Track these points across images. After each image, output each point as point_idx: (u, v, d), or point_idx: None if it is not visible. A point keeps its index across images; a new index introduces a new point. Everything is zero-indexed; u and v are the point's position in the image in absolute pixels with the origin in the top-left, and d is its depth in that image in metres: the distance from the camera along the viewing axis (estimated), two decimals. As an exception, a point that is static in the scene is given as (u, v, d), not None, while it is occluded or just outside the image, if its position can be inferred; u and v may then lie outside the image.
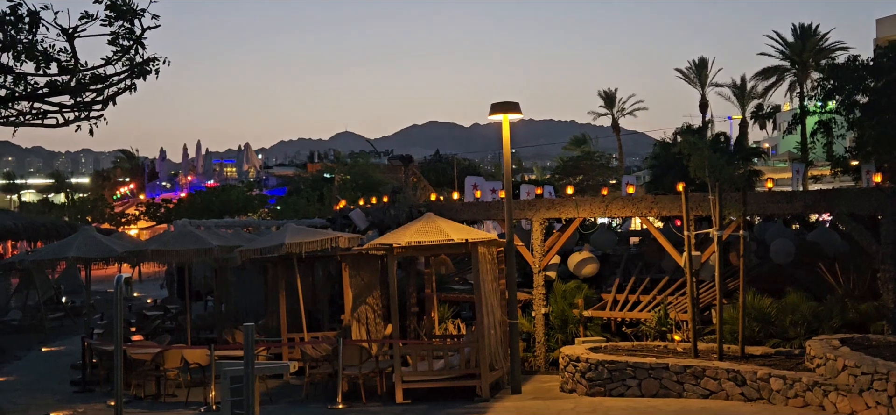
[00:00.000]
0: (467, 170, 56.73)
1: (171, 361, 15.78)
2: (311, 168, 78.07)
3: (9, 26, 6.92)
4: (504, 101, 15.18)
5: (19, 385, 17.88)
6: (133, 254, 19.40)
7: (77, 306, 29.37)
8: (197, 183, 78.60)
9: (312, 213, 39.03)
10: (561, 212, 17.40)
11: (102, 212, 67.73)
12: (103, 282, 35.47)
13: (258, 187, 68.82)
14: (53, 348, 23.13)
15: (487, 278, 15.29)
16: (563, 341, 16.86)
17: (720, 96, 69.36)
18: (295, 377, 16.21)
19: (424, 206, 20.46)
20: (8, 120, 7.76)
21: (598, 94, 75.15)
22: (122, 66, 7.59)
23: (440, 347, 16.39)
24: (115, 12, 7.22)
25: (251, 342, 8.45)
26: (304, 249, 16.38)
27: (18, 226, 26.12)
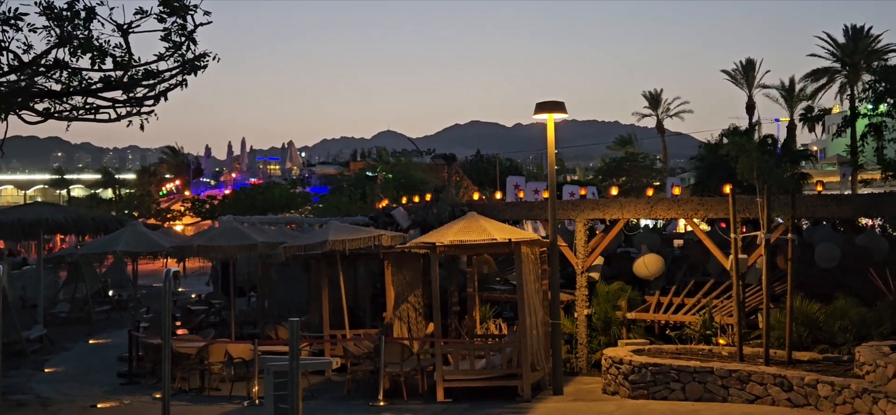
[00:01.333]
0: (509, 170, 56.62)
1: (216, 355, 15.95)
2: (353, 167, 78.52)
3: (65, 22, 7.05)
4: (549, 101, 15.11)
5: (67, 376, 18.19)
6: (179, 249, 19.66)
7: (124, 300, 29.82)
8: (241, 180, 79.48)
9: (355, 211, 39.21)
10: (605, 213, 17.28)
11: (149, 207, 68.81)
12: (149, 276, 35.99)
13: (301, 185, 69.39)
14: (101, 340, 23.50)
15: (530, 278, 15.23)
16: (606, 342, 16.73)
17: (767, 98, 68.16)
18: (337, 374, 16.29)
19: (467, 205, 20.45)
20: (62, 114, 7.90)
21: (643, 95, 74.61)
22: (173, 62, 7.69)
23: (482, 346, 16.36)
24: (168, 8, 7.31)
25: (296, 337, 8.51)
26: (347, 246, 16.46)
27: (67, 220, 26.51)
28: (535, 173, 65.89)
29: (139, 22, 7.38)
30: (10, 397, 15.24)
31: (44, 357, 20.44)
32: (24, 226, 24.57)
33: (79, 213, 29.59)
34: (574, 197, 20.97)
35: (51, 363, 19.73)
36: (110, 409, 14.67)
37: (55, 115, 7.84)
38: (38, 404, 15.12)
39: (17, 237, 30.83)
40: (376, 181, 46.43)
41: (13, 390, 16.13)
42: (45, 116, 7.86)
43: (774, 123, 72.26)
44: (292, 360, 8.52)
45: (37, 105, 7.78)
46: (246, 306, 25.69)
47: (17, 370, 18.38)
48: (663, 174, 55.48)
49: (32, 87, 7.58)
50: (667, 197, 18.65)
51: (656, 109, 73.88)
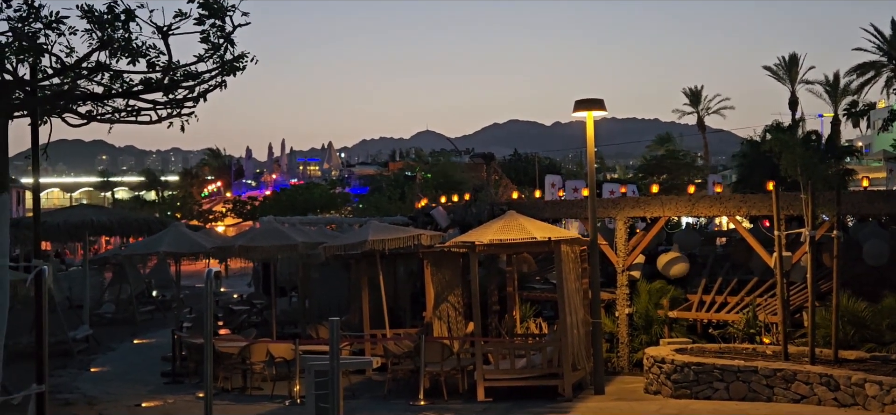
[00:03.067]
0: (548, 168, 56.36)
1: (257, 354, 16.07)
2: (392, 167, 78.74)
3: (106, 24, 7.14)
4: (588, 99, 15.00)
5: (112, 375, 18.46)
6: (220, 250, 19.86)
7: (167, 300, 30.22)
8: (281, 181, 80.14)
9: (394, 211, 39.33)
10: (646, 211, 17.12)
11: (191, 209, 69.69)
12: (192, 277, 36.42)
13: (341, 185, 69.78)
14: (144, 340, 23.82)
15: (570, 277, 15.14)
16: (648, 341, 16.57)
17: (811, 93, 66.98)
18: (377, 373, 16.34)
19: (506, 204, 20.40)
20: (104, 116, 8.01)
21: (683, 92, 73.91)
22: (212, 64, 7.76)
23: (522, 345, 16.31)
24: (207, 10, 7.38)
25: (336, 337, 8.53)
26: (386, 245, 16.49)
27: (112, 222, 26.99)
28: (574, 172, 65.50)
29: (178, 24, 7.46)
30: (58, 396, 15.49)
31: (90, 357, 20.77)
32: (70, 228, 25.03)
33: (123, 215, 30.09)
34: (614, 195, 20.78)
35: (96, 363, 20.03)
36: (154, 408, 14.85)
37: (97, 117, 7.96)
38: (84, 402, 15.36)
39: (63, 239, 31.41)
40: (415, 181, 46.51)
41: (60, 389, 16.41)
42: (87, 119, 7.98)
43: (818, 118, 71.15)
44: (333, 359, 8.55)
45: (79, 107, 7.91)
46: (287, 306, 25.90)
47: (64, 370, 18.69)
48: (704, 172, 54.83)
49: (75, 89, 7.69)
50: (708, 194, 18.41)
51: (697, 105, 73.14)
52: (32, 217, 9.44)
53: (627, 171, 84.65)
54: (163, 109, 7.91)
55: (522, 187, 40.95)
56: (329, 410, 8.98)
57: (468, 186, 39.21)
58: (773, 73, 68.01)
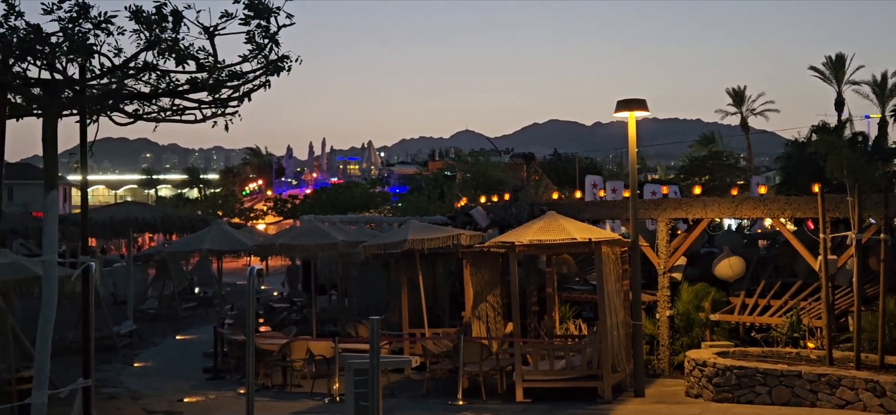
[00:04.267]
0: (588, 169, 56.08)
1: (297, 352, 16.20)
2: (431, 166, 78.86)
3: (154, 25, 7.25)
4: (630, 99, 14.91)
5: (155, 370, 18.72)
6: (262, 247, 20.04)
7: (208, 297, 30.59)
8: (321, 180, 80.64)
9: (433, 210, 39.38)
10: (688, 212, 16.96)
11: (232, 207, 70.40)
12: (233, 274, 36.80)
13: (380, 185, 70.04)
14: (187, 336, 24.12)
15: (610, 278, 15.05)
16: (689, 344, 16.42)
17: (858, 94, 65.64)
18: (416, 372, 16.37)
19: (546, 204, 20.33)
20: (150, 116, 8.13)
21: (727, 92, 72.96)
22: (256, 64, 7.84)
23: (561, 346, 16.24)
24: (252, 11, 7.46)
25: (377, 335, 8.56)
26: (426, 245, 16.53)
27: (156, 219, 27.36)
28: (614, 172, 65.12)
29: (224, 24, 7.55)
30: (102, 390, 15.75)
31: (133, 352, 21.09)
32: (115, 224, 25.43)
33: (166, 212, 30.50)
34: (655, 196, 20.62)
35: (140, 358, 20.33)
36: (196, 403, 15.03)
37: (144, 116, 8.08)
38: (128, 397, 15.60)
39: (108, 235, 31.89)
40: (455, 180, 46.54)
41: (105, 383, 16.68)
42: (134, 118, 8.10)
43: (865, 120, 69.88)
44: (373, 358, 8.58)
45: (126, 107, 8.04)
46: (326, 304, 26.07)
47: (109, 364, 18.99)
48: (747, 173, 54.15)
49: (122, 89, 7.82)
50: (752, 196, 18.20)
51: (740, 106, 72.19)
52: (80, 214, 9.60)
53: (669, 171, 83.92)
54: (207, 108, 8.01)
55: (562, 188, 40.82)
56: (369, 408, 9.01)
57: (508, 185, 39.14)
58: (819, 74, 66.88)
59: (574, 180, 44.32)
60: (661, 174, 79.09)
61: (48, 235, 8.01)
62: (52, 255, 8.03)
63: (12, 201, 57.29)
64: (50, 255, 8.05)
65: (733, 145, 68.08)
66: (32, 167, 67.92)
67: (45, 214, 8.02)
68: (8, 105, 7.89)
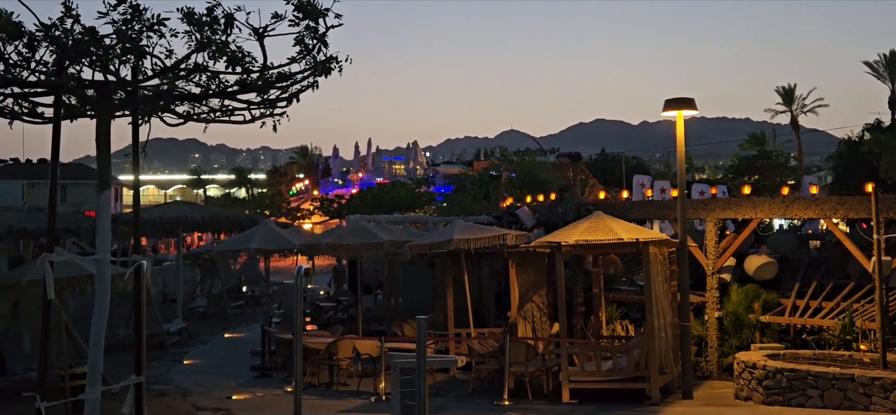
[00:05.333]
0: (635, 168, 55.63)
1: (344, 351, 16.29)
2: (477, 166, 78.76)
3: (205, 27, 7.35)
4: (678, 98, 14.74)
5: (204, 368, 18.96)
6: (309, 247, 20.19)
7: (256, 295, 30.89)
8: (367, 179, 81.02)
9: (479, 210, 39.36)
10: (737, 212, 16.73)
11: (279, 206, 71.02)
12: (280, 273, 37.15)
13: (426, 184, 70.18)
14: (235, 334, 24.38)
15: (658, 279, 14.90)
16: (738, 346, 16.19)
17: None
18: (461, 372, 16.36)
19: (592, 204, 20.20)
20: (200, 116, 8.25)
21: (776, 91, 71.84)
22: (305, 64, 7.90)
23: (608, 347, 16.12)
24: (301, 12, 7.52)
25: (423, 335, 8.58)
26: (471, 245, 16.52)
27: (205, 219, 27.69)
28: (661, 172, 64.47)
29: (274, 26, 7.63)
30: (152, 387, 15.98)
31: (183, 349, 21.38)
32: (165, 223, 25.80)
33: (215, 212, 30.85)
34: (703, 196, 20.38)
35: (189, 355, 20.60)
36: (244, 401, 15.18)
37: (194, 117, 8.20)
38: (177, 394, 15.81)
39: (158, 234, 32.38)
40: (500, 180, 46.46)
41: (155, 380, 16.92)
42: (185, 119, 8.23)
43: (920, 118, 68.27)
44: (419, 357, 8.61)
45: (177, 107, 8.16)
46: (372, 304, 26.19)
47: (159, 361, 19.27)
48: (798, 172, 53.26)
49: (174, 90, 7.94)
50: (803, 196, 17.88)
51: (790, 104, 71.00)
52: (131, 213, 9.79)
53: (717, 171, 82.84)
54: (256, 109, 8.11)
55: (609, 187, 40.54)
56: (415, 407, 9.03)
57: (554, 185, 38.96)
58: (873, 71, 65.46)
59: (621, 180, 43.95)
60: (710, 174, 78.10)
61: (101, 235, 8.16)
62: (106, 254, 8.17)
63: (65, 201, 58.54)
64: (103, 254, 8.19)
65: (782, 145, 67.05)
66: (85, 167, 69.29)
67: (98, 214, 8.16)
68: (63, 106, 8.05)
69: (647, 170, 61.72)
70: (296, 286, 9.28)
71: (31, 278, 13.40)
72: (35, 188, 61.53)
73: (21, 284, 14.00)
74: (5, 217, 23.00)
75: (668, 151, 73.93)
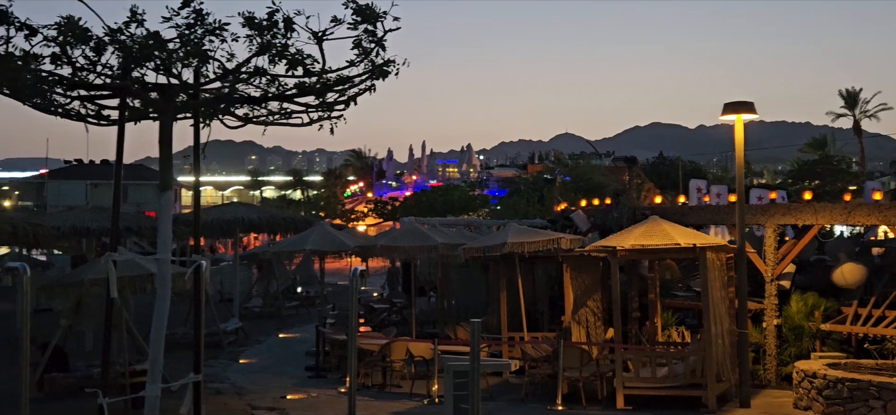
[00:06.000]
0: (692, 172, 54.91)
1: (397, 352, 16.35)
2: (531, 169, 78.53)
3: (265, 31, 7.46)
4: (738, 101, 14.52)
5: (259, 367, 19.18)
6: (363, 248, 20.32)
7: (311, 296, 31.18)
8: (421, 182, 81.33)
9: (533, 214, 39.22)
10: (797, 218, 16.41)
11: (334, 208, 71.65)
12: (334, 274, 37.44)
13: (479, 187, 70.18)
14: (290, 334, 24.62)
15: (716, 285, 14.69)
16: (797, 355, 15.88)
17: (983, 95, 62.61)
18: (515, 376, 16.32)
19: (648, 208, 19.99)
20: (259, 119, 8.37)
21: (839, 94, 70.33)
22: (363, 68, 7.97)
23: (664, 354, 15.93)
24: (360, 16, 7.59)
25: (477, 338, 8.58)
26: (526, 248, 16.46)
27: (261, 220, 28.04)
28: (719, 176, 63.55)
29: (332, 29, 7.72)
30: (209, 386, 16.22)
31: (239, 349, 21.66)
32: (223, 224, 26.18)
33: (271, 213, 31.22)
34: (761, 201, 20.02)
35: (245, 355, 20.86)
36: (299, 401, 15.32)
37: (253, 119, 8.33)
38: (233, 392, 16.03)
39: (216, 235, 32.88)
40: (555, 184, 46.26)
41: (211, 378, 17.17)
42: (244, 121, 8.36)
43: None
44: (473, 360, 8.60)
45: (237, 110, 8.29)
46: (426, 306, 26.25)
47: (215, 360, 19.54)
48: (861, 178, 52.10)
49: (234, 93, 8.07)
50: (866, 202, 17.46)
51: (853, 108, 69.43)
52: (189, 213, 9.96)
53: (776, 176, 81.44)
54: (314, 112, 8.20)
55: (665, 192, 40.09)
56: (469, 411, 9.03)
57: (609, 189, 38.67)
58: (938, 74, 63.71)
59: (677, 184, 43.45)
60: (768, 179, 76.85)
61: (162, 235, 8.31)
62: (166, 254, 8.32)
63: (126, 201, 59.84)
64: (164, 253, 8.34)
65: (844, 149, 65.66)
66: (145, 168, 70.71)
67: (159, 215, 8.32)
68: (127, 109, 8.23)
69: (704, 174, 60.89)
70: (351, 288, 9.34)
71: (94, 277, 13.68)
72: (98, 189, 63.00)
73: (84, 283, 14.29)
74: (69, 217, 23.57)
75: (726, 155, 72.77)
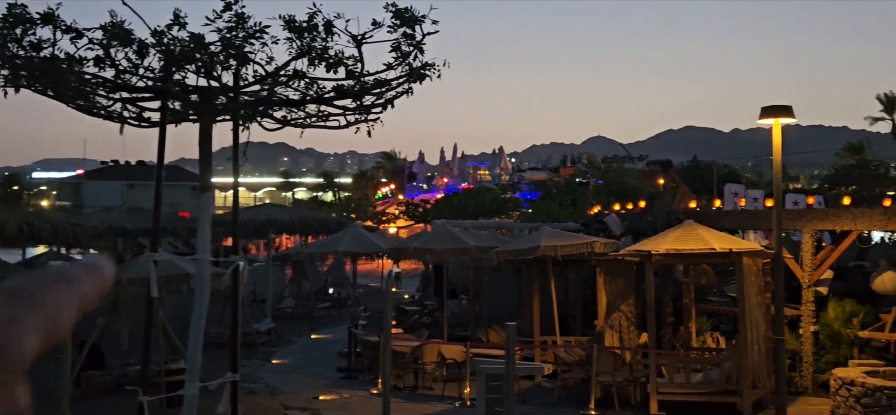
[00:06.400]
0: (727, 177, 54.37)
1: (429, 355, 16.37)
2: (563, 172, 78.31)
3: (305, 34, 7.51)
4: (775, 105, 14.38)
5: (292, 368, 19.29)
6: (396, 250, 20.37)
7: (342, 298, 31.28)
8: (452, 184, 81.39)
9: (565, 217, 39.09)
10: (835, 223, 16.20)
11: (365, 210, 71.88)
12: (365, 276, 37.51)
13: (511, 190, 70.11)
14: (322, 335, 24.72)
15: (752, 291, 14.54)
16: (834, 362, 15.67)
17: None
18: (547, 380, 16.27)
19: (683, 213, 19.84)
20: (297, 122, 8.42)
21: (876, 99, 69.36)
22: (401, 71, 8.00)
23: (698, 359, 15.80)
24: (399, 19, 7.62)
25: (512, 342, 8.57)
26: (559, 252, 16.42)
27: (294, 221, 28.18)
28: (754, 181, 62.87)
29: (372, 33, 7.75)
30: (243, 385, 16.29)
31: (271, 349, 21.79)
32: (256, 225, 26.37)
33: (304, 214, 31.40)
34: (798, 206, 19.81)
35: (277, 355, 20.98)
36: (331, 401, 15.40)
37: (291, 122, 8.38)
38: (266, 392, 16.14)
39: (249, 236, 33.13)
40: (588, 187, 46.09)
41: (245, 378, 17.25)
42: (282, 124, 8.42)
43: None
44: (508, 364, 8.59)
45: (276, 113, 8.35)
46: (457, 308, 26.24)
47: (249, 360, 19.67)
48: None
49: (273, 96, 8.12)
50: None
51: (891, 112, 68.47)
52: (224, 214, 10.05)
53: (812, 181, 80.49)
54: (351, 114, 8.24)
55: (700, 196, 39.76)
56: (502, 414, 9.02)
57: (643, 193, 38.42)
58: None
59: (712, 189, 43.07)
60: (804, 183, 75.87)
61: (202, 236, 8.39)
62: (206, 254, 8.39)
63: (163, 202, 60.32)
64: (203, 254, 8.42)
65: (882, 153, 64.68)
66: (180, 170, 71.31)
67: (199, 216, 8.39)
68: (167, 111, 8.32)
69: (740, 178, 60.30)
70: (385, 289, 9.37)
71: (131, 276, 13.83)
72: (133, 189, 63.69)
73: (121, 282, 14.45)
74: (106, 217, 23.89)
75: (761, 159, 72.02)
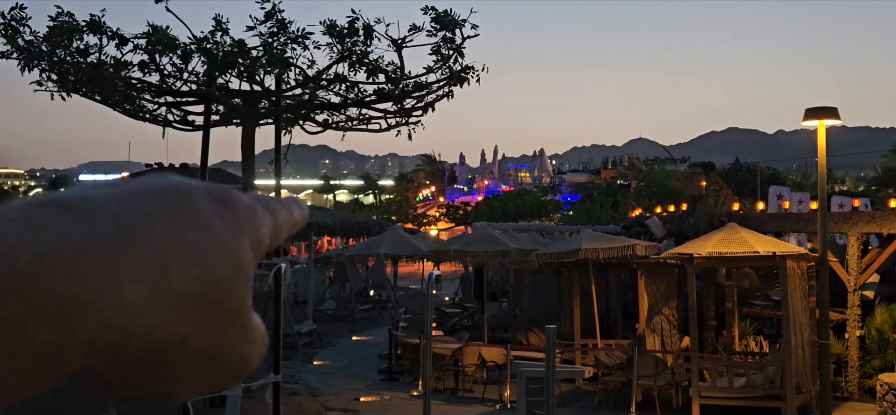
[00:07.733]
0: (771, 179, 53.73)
1: (469, 357, 16.39)
2: (604, 175, 77.90)
3: (346, 38, 7.59)
4: (820, 106, 14.18)
5: (333, 369, 19.42)
6: (436, 253, 20.42)
7: (383, 299, 31.41)
8: (493, 187, 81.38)
9: (606, 219, 38.87)
10: (882, 227, 15.93)
11: (406, 212, 72.15)
12: (405, 278, 37.65)
13: (552, 193, 69.91)
14: (362, 337, 24.85)
15: (796, 295, 14.36)
16: (881, 367, 15.41)
17: None
18: (588, 383, 16.20)
19: (726, 215, 19.66)
20: (338, 125, 8.50)
21: (924, 99, 67.97)
22: (441, 75, 8.04)
23: (741, 363, 15.62)
24: (439, 23, 7.67)
25: (552, 344, 8.56)
26: (600, 254, 16.35)
27: (335, 223, 28.35)
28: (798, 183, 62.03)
29: (411, 37, 7.81)
30: (285, 386, 16.47)
31: (312, 350, 21.95)
32: (297, 228, 26.54)
33: (345, 217, 31.58)
34: (843, 208, 19.54)
35: (318, 356, 21.13)
36: (372, 403, 15.48)
37: (332, 125, 8.47)
38: (308, 393, 16.28)
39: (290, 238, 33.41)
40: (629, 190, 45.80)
41: (286, 379, 17.42)
42: (324, 127, 8.51)
43: None
44: (549, 367, 8.59)
45: (317, 116, 8.44)
46: (497, 311, 26.22)
47: (290, 361, 19.83)
48: (949, 186, 50.20)
49: (315, 99, 8.21)
50: (956, 211, 16.87)
51: (941, 113, 67.05)
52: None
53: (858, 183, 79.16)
54: (392, 118, 8.30)
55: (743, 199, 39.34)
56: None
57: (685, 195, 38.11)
58: None
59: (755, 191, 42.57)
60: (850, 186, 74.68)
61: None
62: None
63: (204, 204, 61.00)
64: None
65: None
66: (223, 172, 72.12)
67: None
68: (211, 114, 8.44)
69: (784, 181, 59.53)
70: (426, 292, 9.41)
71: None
72: (177, 192, 64.37)
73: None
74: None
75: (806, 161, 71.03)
